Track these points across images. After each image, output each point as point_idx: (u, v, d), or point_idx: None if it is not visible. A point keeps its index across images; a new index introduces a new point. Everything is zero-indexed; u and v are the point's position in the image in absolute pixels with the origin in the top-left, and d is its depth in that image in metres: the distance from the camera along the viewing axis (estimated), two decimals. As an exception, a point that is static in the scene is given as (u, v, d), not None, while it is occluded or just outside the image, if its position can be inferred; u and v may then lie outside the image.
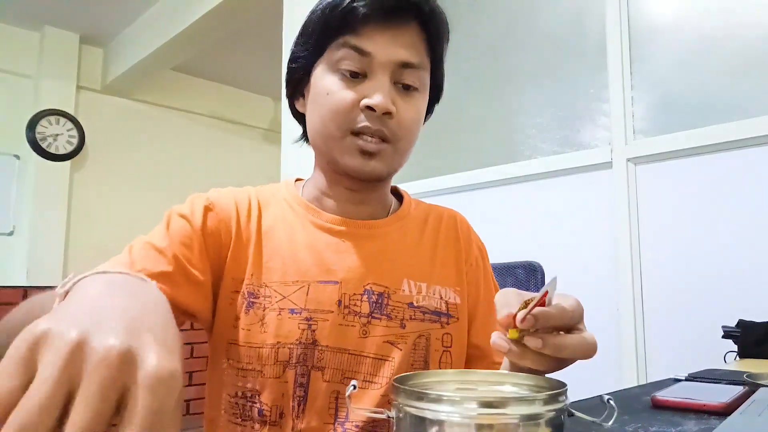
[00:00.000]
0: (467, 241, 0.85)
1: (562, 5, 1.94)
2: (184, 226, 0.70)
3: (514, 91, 2.04)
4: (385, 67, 0.69)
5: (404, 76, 0.70)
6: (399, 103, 0.70)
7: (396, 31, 0.69)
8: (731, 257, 1.44)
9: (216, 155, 4.92)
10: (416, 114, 0.73)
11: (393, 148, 0.71)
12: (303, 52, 0.74)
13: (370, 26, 0.68)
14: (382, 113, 0.68)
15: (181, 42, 3.59)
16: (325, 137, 0.71)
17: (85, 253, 4.14)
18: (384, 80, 0.69)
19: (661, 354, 1.54)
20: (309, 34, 0.73)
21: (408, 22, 0.70)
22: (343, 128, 0.69)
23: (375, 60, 0.68)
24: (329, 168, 0.75)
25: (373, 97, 0.68)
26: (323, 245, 0.74)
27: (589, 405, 0.64)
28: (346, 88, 0.69)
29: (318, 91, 0.71)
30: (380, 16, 0.68)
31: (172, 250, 0.67)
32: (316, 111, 0.72)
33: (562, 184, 1.82)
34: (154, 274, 0.63)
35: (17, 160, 4.08)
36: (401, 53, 0.69)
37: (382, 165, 0.71)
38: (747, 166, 1.45)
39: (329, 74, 0.70)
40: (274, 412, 0.69)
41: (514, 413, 0.37)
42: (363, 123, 0.68)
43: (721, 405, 0.60)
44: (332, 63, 0.70)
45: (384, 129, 0.69)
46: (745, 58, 1.51)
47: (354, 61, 0.68)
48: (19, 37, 4.06)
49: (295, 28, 0.74)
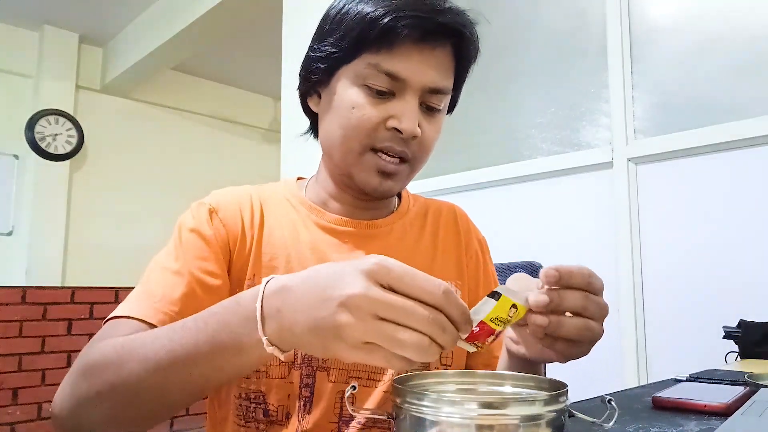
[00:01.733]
0: (467, 233, 0.85)
1: (563, 5, 1.94)
2: (194, 238, 0.70)
3: (515, 91, 2.04)
4: (416, 92, 0.67)
5: (431, 99, 0.69)
6: (423, 124, 0.69)
7: (430, 53, 0.67)
8: (732, 257, 1.44)
9: (216, 155, 4.92)
10: (437, 134, 0.72)
11: (410, 168, 0.71)
12: (330, 50, 0.69)
13: (406, 47, 0.66)
14: (408, 137, 0.67)
15: (180, 42, 3.59)
16: (344, 152, 0.70)
17: (84, 252, 4.14)
18: (414, 104, 0.67)
19: (661, 354, 1.54)
20: (341, 36, 0.68)
21: (442, 44, 0.69)
22: (364, 145, 0.68)
23: (407, 84, 0.67)
24: (341, 179, 0.75)
25: (402, 120, 0.66)
26: (326, 246, 0.74)
27: (590, 405, 0.64)
28: (373, 105, 0.67)
29: (341, 102, 0.69)
30: (417, 38, 0.66)
31: (188, 267, 0.67)
32: (337, 122, 0.70)
33: (563, 184, 1.82)
34: (175, 300, 0.63)
35: (16, 160, 4.08)
36: (433, 78, 0.68)
37: (398, 185, 0.71)
38: (747, 166, 1.44)
39: (355, 87, 0.68)
40: (280, 412, 0.69)
41: (515, 414, 0.37)
42: (387, 143, 0.68)
43: (721, 405, 0.60)
44: (360, 76, 0.67)
45: (407, 151, 0.69)
46: (745, 58, 1.51)
47: (383, 82, 0.66)
48: (18, 36, 4.06)
49: (295, 28, 0.73)
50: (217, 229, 0.71)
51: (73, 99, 4.20)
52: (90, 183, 4.27)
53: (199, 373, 0.50)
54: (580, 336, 0.49)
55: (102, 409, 0.53)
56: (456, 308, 0.42)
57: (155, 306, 0.62)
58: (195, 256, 0.68)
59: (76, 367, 0.56)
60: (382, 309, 0.40)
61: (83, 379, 0.54)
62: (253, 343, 0.46)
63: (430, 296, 0.41)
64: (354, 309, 0.40)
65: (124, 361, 0.52)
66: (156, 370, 0.50)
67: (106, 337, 0.58)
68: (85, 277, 4.00)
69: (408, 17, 0.64)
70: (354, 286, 0.41)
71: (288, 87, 2.33)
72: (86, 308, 2.72)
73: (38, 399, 2.56)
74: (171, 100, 4.73)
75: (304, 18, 2.26)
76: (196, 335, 0.50)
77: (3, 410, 2.46)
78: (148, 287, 0.65)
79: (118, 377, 0.52)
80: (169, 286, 0.65)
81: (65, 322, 2.66)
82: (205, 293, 0.66)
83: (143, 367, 0.51)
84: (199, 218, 0.71)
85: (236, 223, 0.72)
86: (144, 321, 0.60)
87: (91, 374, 0.54)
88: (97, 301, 2.76)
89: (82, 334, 2.70)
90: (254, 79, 4.86)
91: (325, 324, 0.41)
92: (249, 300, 0.47)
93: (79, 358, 0.57)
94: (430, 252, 0.80)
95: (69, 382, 0.56)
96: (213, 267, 0.68)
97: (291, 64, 2.31)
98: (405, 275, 0.41)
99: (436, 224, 0.84)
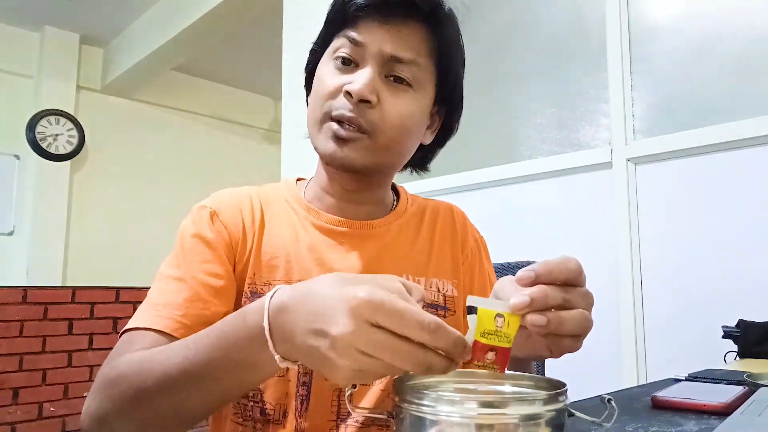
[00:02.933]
0: (464, 232, 0.85)
1: (562, 5, 1.94)
2: (196, 243, 0.70)
3: (514, 91, 2.04)
4: (374, 58, 0.68)
5: (396, 69, 0.69)
6: (384, 94, 0.69)
7: (396, 28, 0.69)
8: (731, 257, 1.44)
9: (216, 155, 4.92)
10: (403, 108, 0.70)
11: (371, 140, 0.69)
12: (316, 46, 0.76)
13: (370, 20, 0.69)
14: (357, 100, 0.67)
15: (181, 42, 3.59)
16: (311, 124, 0.72)
17: (85, 252, 4.14)
18: (369, 70, 0.68)
19: (661, 354, 1.54)
20: (324, 25, 0.75)
21: (409, 20, 0.70)
22: (324, 113, 0.69)
23: (366, 50, 0.69)
24: (323, 161, 0.76)
25: (353, 82, 0.67)
26: (323, 245, 0.74)
27: (589, 405, 0.64)
28: (336, 74, 0.70)
29: (316, 79, 0.73)
30: (380, 11, 0.68)
31: (190, 272, 0.68)
32: (312, 99, 0.74)
33: (562, 184, 1.82)
34: (178, 305, 0.64)
35: (17, 160, 4.08)
36: (393, 46, 0.69)
37: (356, 154, 0.68)
38: (747, 166, 1.44)
39: (327, 63, 0.72)
40: (277, 410, 0.69)
41: (514, 413, 0.37)
42: (341, 110, 0.68)
43: (721, 405, 0.60)
44: (331, 52, 0.72)
45: (361, 119, 0.67)
46: (745, 59, 1.51)
47: (348, 49, 0.69)
48: (19, 37, 4.07)
49: (295, 28, 0.75)
50: (218, 232, 0.71)
51: (74, 99, 4.21)
52: (91, 183, 4.27)
53: (216, 389, 0.52)
54: (583, 329, 0.48)
55: (125, 423, 0.56)
56: (447, 341, 0.41)
57: (159, 314, 0.64)
58: (198, 260, 0.69)
59: (98, 383, 0.59)
60: (370, 348, 0.40)
61: (106, 396, 0.57)
62: (267, 359, 0.47)
63: (419, 334, 0.40)
64: (341, 348, 0.41)
65: (141, 379, 0.54)
66: (171, 387, 0.52)
67: (121, 352, 0.61)
68: (85, 277, 4.01)
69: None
70: (340, 326, 0.41)
71: (288, 87, 2.33)
72: (87, 308, 2.72)
73: (39, 399, 2.56)
74: (172, 100, 4.73)
75: (304, 18, 2.27)
76: (209, 353, 0.51)
77: (4, 410, 2.46)
78: (152, 297, 0.67)
79: (136, 394, 0.54)
80: (173, 292, 0.66)
81: (66, 322, 2.66)
82: (210, 295, 0.67)
83: (160, 384, 0.53)
84: (200, 222, 0.72)
85: (237, 224, 0.73)
86: (151, 329, 0.62)
87: (112, 391, 0.56)
88: (98, 300, 2.76)
89: (82, 333, 2.70)
90: (254, 80, 4.86)
91: (317, 354, 0.43)
92: (256, 318, 0.48)
93: (100, 374, 0.60)
94: (426, 251, 0.80)
95: (93, 398, 0.59)
96: (216, 269, 0.69)
97: (291, 65, 2.31)
98: (394, 312, 0.40)
99: (433, 223, 0.84)
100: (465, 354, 0.43)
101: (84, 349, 2.69)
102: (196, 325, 0.64)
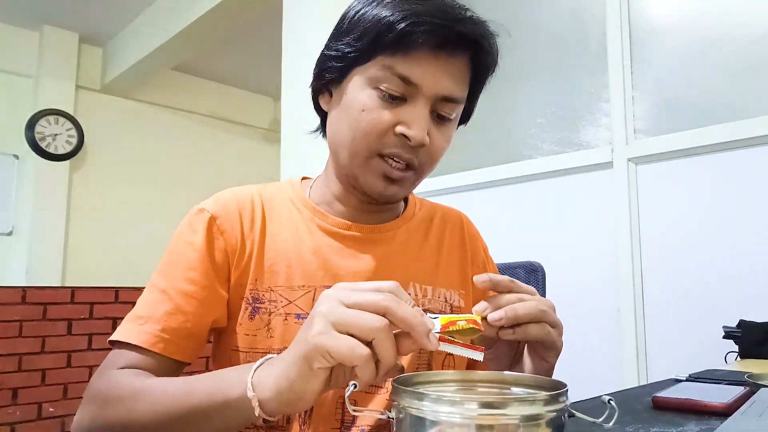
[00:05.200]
0: (473, 243, 0.84)
1: (563, 5, 1.94)
2: (186, 249, 0.70)
3: (515, 91, 2.04)
4: (428, 99, 0.66)
5: (443, 108, 0.68)
6: (433, 132, 0.68)
7: (446, 61, 0.66)
8: (732, 257, 1.44)
9: (216, 155, 4.92)
10: (446, 143, 0.71)
11: (416, 175, 0.70)
12: (345, 50, 0.68)
13: (422, 53, 0.65)
14: (416, 145, 0.66)
15: (180, 41, 3.59)
16: (351, 155, 0.69)
17: (84, 252, 4.14)
18: (425, 111, 0.66)
19: (661, 354, 1.54)
20: (357, 36, 0.67)
21: (460, 54, 0.68)
22: (372, 149, 0.67)
23: (420, 90, 0.66)
24: (346, 179, 0.73)
25: (411, 126, 0.65)
26: (329, 250, 0.73)
27: (590, 405, 0.64)
28: (383, 109, 0.66)
29: (352, 103, 0.68)
30: (434, 46, 0.65)
31: (172, 282, 0.68)
32: (346, 123, 0.68)
33: (563, 184, 1.82)
34: (158, 318, 0.65)
35: (16, 160, 4.08)
36: (447, 87, 0.67)
37: (403, 191, 0.70)
38: (747, 166, 1.44)
39: (367, 88, 0.67)
40: (281, 419, 0.68)
41: (515, 414, 0.37)
42: (395, 149, 0.66)
43: (721, 405, 0.60)
44: (373, 78, 0.66)
45: (414, 159, 0.68)
46: (745, 59, 1.51)
47: (397, 86, 0.65)
48: (18, 36, 4.06)
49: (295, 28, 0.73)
50: (215, 238, 0.70)
51: (73, 99, 4.20)
52: (90, 183, 4.27)
53: (195, 425, 0.55)
54: (539, 314, 0.54)
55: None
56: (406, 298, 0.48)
57: (140, 328, 0.65)
58: (184, 268, 0.68)
59: (91, 396, 0.62)
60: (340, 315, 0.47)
61: (99, 414, 0.60)
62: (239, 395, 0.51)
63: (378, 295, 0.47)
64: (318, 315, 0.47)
65: (134, 404, 0.57)
66: (158, 417, 0.56)
67: (110, 366, 0.64)
68: (85, 277, 4.00)
69: (426, 23, 0.63)
70: (315, 309, 0.48)
71: (287, 87, 2.33)
72: (86, 308, 2.72)
73: (38, 399, 2.56)
74: (171, 100, 4.73)
75: (304, 18, 2.27)
76: (193, 390, 0.55)
77: (3, 410, 2.45)
78: (137, 307, 0.68)
79: (128, 417, 0.57)
80: (154, 303, 0.67)
81: (65, 322, 2.65)
82: (191, 307, 0.67)
83: (149, 412, 0.56)
84: (195, 228, 0.71)
85: (236, 229, 0.71)
86: (131, 344, 0.64)
87: (105, 411, 0.59)
88: (97, 301, 2.76)
89: (82, 334, 2.70)
90: (254, 79, 4.86)
91: (299, 338, 0.49)
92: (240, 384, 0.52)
93: (93, 387, 0.62)
94: (433, 259, 0.79)
95: (86, 412, 0.61)
96: (201, 278, 0.68)
97: (290, 65, 2.31)
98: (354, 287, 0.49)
99: (442, 232, 0.82)
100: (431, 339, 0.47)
101: (83, 350, 2.69)
102: (178, 339, 0.65)
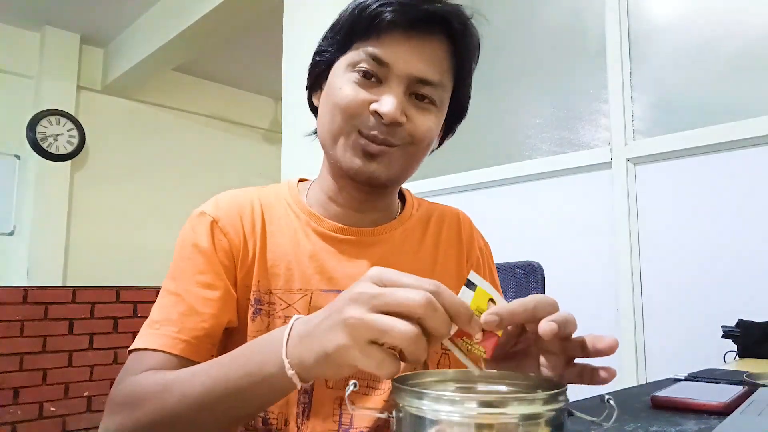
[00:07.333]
0: (469, 240, 0.84)
1: (562, 5, 1.94)
2: (193, 253, 0.70)
3: (514, 91, 2.04)
4: (401, 79, 0.67)
5: (421, 90, 0.69)
6: (412, 112, 0.68)
7: (420, 43, 0.67)
8: (731, 257, 1.44)
9: (216, 155, 4.92)
10: (429, 127, 0.70)
11: (399, 154, 0.69)
12: (328, 47, 0.73)
13: (394, 34, 0.67)
14: (389, 122, 0.66)
15: (181, 42, 3.59)
16: (333, 135, 0.70)
17: (85, 252, 4.14)
18: (397, 90, 0.67)
19: (660, 354, 1.54)
20: (337, 30, 0.71)
21: (434, 36, 0.68)
22: (349, 125, 0.68)
23: (392, 70, 0.67)
24: (336, 173, 0.74)
25: (383, 103, 0.66)
26: (325, 253, 0.73)
27: (589, 404, 0.64)
28: (359, 87, 0.68)
29: (333, 86, 0.70)
30: (405, 26, 0.66)
31: (185, 285, 0.68)
32: (327, 105, 0.70)
33: (562, 184, 1.82)
34: (173, 320, 0.65)
35: (18, 160, 4.08)
36: (420, 68, 0.67)
37: (383, 168, 0.69)
38: (747, 166, 1.45)
39: (346, 72, 0.69)
40: (279, 419, 0.69)
41: (514, 413, 0.37)
42: (372, 130, 0.67)
43: (720, 405, 0.60)
44: (351, 63, 0.69)
45: (392, 139, 0.68)
46: (745, 59, 1.51)
47: (371, 66, 0.67)
48: (19, 37, 4.06)
49: (295, 28, 0.74)
50: (218, 240, 0.71)
51: (74, 99, 4.20)
52: (91, 183, 4.27)
53: (231, 407, 0.54)
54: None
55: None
56: (452, 300, 0.44)
57: (158, 332, 0.65)
58: (193, 271, 0.69)
59: (116, 402, 0.61)
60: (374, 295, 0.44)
61: (127, 416, 0.59)
62: (277, 366, 0.49)
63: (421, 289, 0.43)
64: (352, 298, 0.45)
65: (164, 397, 0.56)
66: (192, 405, 0.55)
67: (131, 371, 0.63)
68: (86, 277, 4.00)
69: (394, 3, 0.66)
70: (355, 288, 0.45)
71: (288, 87, 2.33)
72: (87, 308, 2.72)
73: (39, 398, 2.56)
74: (172, 100, 4.73)
75: (304, 18, 2.27)
76: (227, 372, 0.54)
77: (4, 410, 2.46)
78: (153, 313, 0.68)
79: (160, 413, 0.56)
80: (169, 307, 0.67)
81: (66, 322, 2.66)
82: (206, 308, 0.67)
83: (182, 403, 0.55)
84: (198, 231, 0.71)
85: (238, 231, 0.72)
86: (150, 349, 0.64)
87: (134, 411, 0.58)
88: (99, 300, 2.76)
89: (83, 333, 2.70)
90: (255, 80, 4.86)
91: (335, 318, 0.45)
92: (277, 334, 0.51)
93: (116, 393, 0.62)
94: (430, 260, 0.79)
95: (112, 419, 0.60)
96: (212, 279, 0.69)
97: (291, 65, 2.31)
98: (395, 274, 0.46)
99: (439, 231, 0.82)
100: (473, 324, 0.44)
101: (84, 349, 2.69)
102: (195, 339, 0.65)
